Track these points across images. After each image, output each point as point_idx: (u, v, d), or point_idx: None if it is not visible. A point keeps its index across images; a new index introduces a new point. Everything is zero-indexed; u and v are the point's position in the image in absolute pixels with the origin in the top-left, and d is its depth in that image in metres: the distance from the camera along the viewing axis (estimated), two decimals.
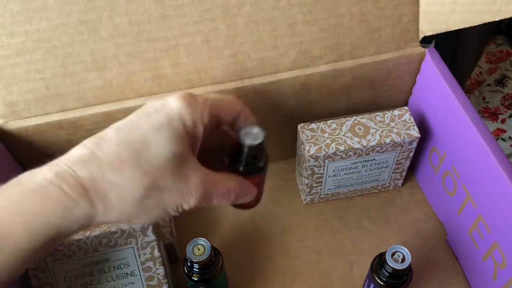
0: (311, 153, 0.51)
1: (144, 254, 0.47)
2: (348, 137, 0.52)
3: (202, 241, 0.46)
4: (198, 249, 0.46)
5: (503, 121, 1.47)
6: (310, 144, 0.51)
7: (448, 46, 1.04)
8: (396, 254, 0.44)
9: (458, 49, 1.08)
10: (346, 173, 0.55)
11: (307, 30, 0.50)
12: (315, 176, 0.54)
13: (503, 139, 1.42)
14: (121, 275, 0.47)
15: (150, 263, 0.47)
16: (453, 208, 0.53)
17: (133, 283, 0.47)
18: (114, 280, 0.47)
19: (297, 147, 0.56)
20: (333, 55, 0.52)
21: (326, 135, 0.52)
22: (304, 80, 0.52)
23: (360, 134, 0.52)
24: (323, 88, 0.54)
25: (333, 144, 0.51)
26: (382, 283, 0.46)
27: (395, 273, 0.44)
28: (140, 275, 0.47)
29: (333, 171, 0.54)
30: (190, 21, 0.48)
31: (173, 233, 0.54)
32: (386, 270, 0.45)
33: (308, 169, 0.53)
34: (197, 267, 0.46)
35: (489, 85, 1.56)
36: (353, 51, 0.52)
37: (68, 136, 0.51)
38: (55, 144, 0.52)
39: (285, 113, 0.56)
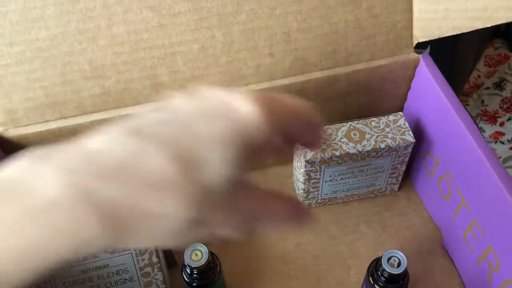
0: (307, 158, 0.51)
1: (143, 260, 0.47)
2: (343, 143, 0.52)
3: (200, 246, 0.47)
4: (196, 254, 0.47)
5: (501, 124, 1.48)
6: (306, 149, 0.52)
7: (447, 50, 1.05)
8: (392, 258, 0.45)
9: (457, 53, 1.08)
10: (342, 178, 0.56)
11: (303, 38, 0.51)
12: (312, 181, 0.55)
13: (502, 142, 1.42)
14: (120, 281, 0.47)
15: (148, 269, 0.48)
16: (449, 212, 0.53)
17: None
18: (113, 286, 0.47)
19: (293, 152, 0.57)
20: (329, 62, 0.53)
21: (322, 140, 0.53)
22: (300, 86, 0.53)
23: (355, 139, 0.53)
24: (318, 94, 0.55)
25: (329, 150, 0.52)
26: None
27: (392, 277, 0.45)
28: (139, 281, 0.48)
29: (330, 176, 0.55)
30: (187, 29, 0.48)
31: None
32: (382, 275, 0.45)
33: (305, 174, 0.54)
34: (195, 272, 0.47)
35: (487, 88, 1.57)
36: (348, 58, 0.53)
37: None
38: None
39: None
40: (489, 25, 0.47)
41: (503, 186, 0.43)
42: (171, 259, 0.54)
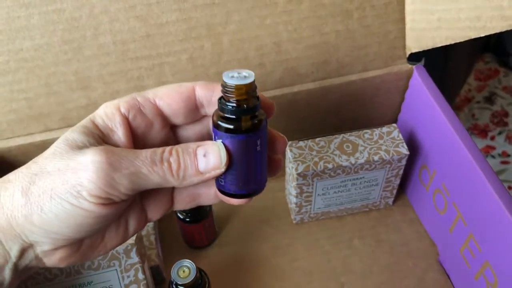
0: (299, 171, 0.50)
1: (128, 276, 0.45)
2: (336, 155, 0.51)
3: (187, 262, 0.45)
4: (183, 271, 0.45)
5: (492, 138, 1.48)
6: (298, 162, 0.51)
7: (438, 63, 1.05)
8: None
9: (448, 66, 1.08)
10: (335, 192, 0.54)
11: (293, 48, 0.50)
12: (304, 194, 0.54)
13: (493, 156, 1.42)
14: None
15: (134, 286, 0.46)
16: (445, 226, 0.52)
17: None
18: None
19: (285, 165, 0.55)
20: (320, 73, 0.52)
21: (314, 153, 0.51)
22: (291, 97, 0.52)
23: (348, 151, 0.51)
24: (311, 105, 0.54)
25: (321, 162, 0.51)
26: None
27: None
28: None
29: (322, 190, 0.53)
30: (175, 39, 0.47)
31: (159, 255, 0.53)
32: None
33: (297, 188, 0.52)
34: None
35: (478, 102, 1.57)
36: (340, 69, 0.52)
37: None
38: None
39: None
40: (482, 35, 0.46)
41: (500, 200, 0.41)
42: (159, 275, 0.52)
